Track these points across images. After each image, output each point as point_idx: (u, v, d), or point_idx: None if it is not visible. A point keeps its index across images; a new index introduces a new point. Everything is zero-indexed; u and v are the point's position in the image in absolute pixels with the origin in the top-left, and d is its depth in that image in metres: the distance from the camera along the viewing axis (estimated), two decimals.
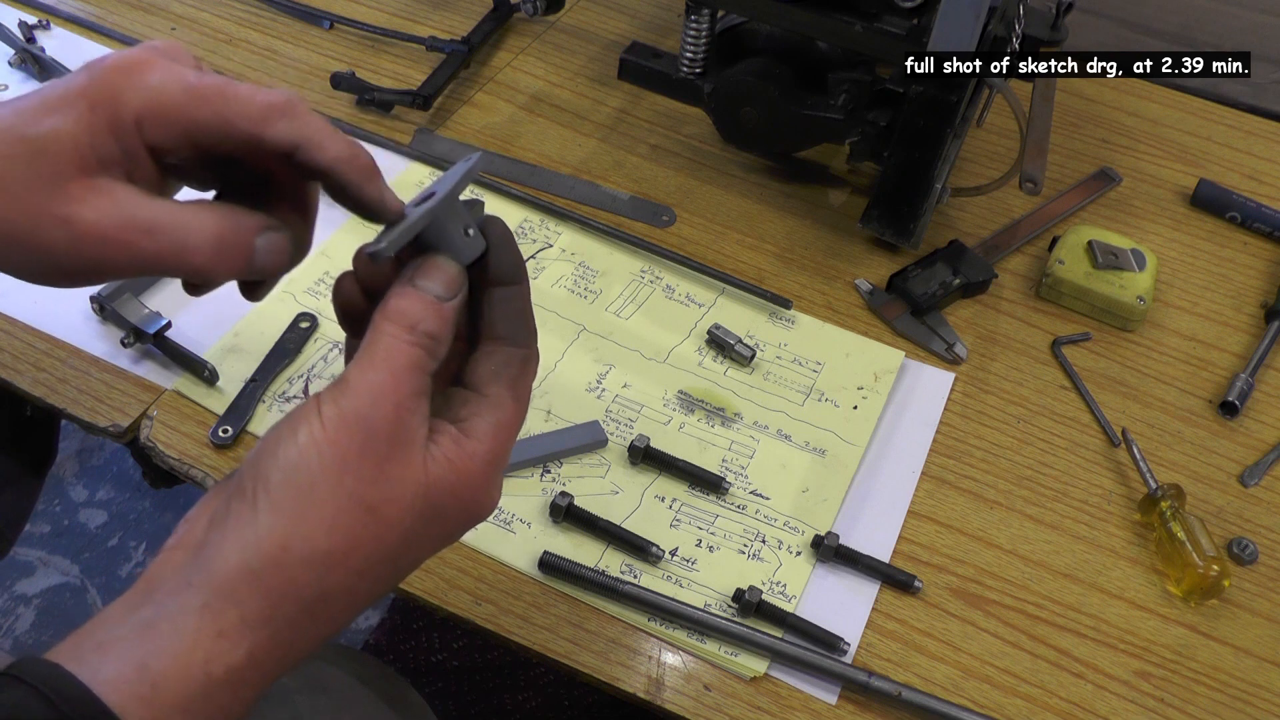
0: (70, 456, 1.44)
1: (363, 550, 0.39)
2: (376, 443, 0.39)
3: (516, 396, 0.43)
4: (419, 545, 0.41)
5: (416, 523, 0.40)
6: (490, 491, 0.42)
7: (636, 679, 0.59)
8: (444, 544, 0.43)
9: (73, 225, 0.39)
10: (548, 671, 1.22)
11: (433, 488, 0.40)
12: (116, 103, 0.40)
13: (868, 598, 0.64)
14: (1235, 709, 0.61)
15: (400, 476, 0.39)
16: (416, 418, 0.40)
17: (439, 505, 0.40)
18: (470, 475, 0.41)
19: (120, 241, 0.39)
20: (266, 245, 0.42)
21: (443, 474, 0.40)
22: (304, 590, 0.38)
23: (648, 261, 0.81)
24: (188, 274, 0.41)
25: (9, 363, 0.69)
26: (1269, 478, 0.72)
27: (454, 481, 0.41)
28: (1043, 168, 0.79)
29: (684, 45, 0.83)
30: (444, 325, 0.41)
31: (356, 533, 0.38)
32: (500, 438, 0.42)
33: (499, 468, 0.43)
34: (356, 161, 0.42)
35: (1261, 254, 0.88)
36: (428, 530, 0.41)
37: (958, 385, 0.76)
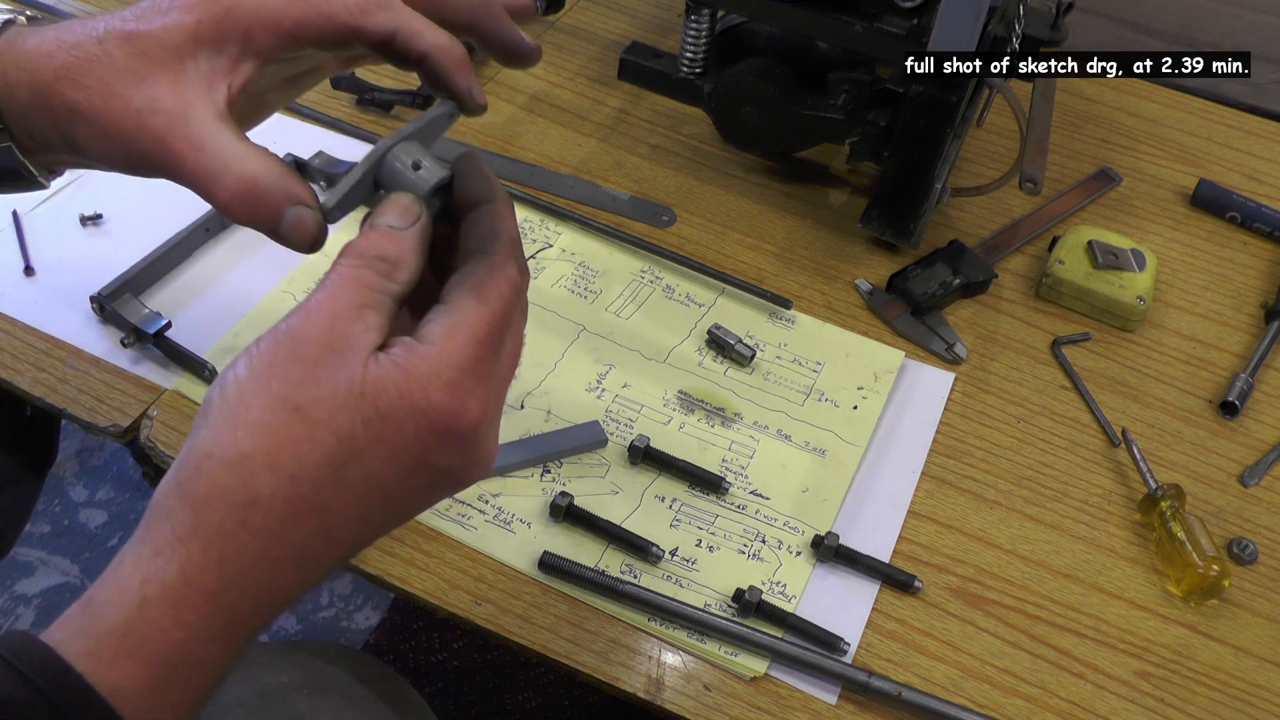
0: (70, 456, 1.44)
1: (290, 450, 0.37)
2: (307, 349, 0.38)
3: (482, 298, 0.40)
4: (368, 454, 0.38)
5: (355, 423, 0.37)
6: (459, 397, 0.39)
7: (636, 679, 0.59)
8: (415, 463, 0.39)
9: (143, 118, 0.42)
10: (548, 671, 1.22)
11: (371, 386, 0.37)
12: (227, 17, 0.43)
13: (868, 598, 0.64)
14: (1235, 709, 0.61)
15: (332, 378, 0.37)
16: (357, 327, 0.39)
17: (384, 407, 0.38)
18: (420, 376, 0.38)
19: (171, 148, 0.42)
20: (292, 218, 0.43)
21: (384, 374, 0.38)
22: (228, 494, 0.36)
23: (648, 261, 0.81)
24: (213, 203, 0.43)
25: (9, 363, 0.69)
26: (1269, 478, 0.72)
27: (399, 380, 0.38)
28: (1043, 168, 0.79)
29: (684, 45, 0.83)
30: (399, 248, 0.41)
31: (281, 433, 0.37)
32: (460, 339, 0.39)
33: (470, 373, 0.39)
34: (452, 52, 0.45)
35: (1261, 254, 0.88)
36: (375, 436, 0.38)
37: (958, 385, 0.76)
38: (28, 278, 0.74)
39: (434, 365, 0.38)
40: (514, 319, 0.42)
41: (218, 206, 0.43)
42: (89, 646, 0.35)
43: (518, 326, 0.43)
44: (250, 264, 0.77)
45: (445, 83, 0.45)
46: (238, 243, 0.78)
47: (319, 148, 0.83)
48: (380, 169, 0.43)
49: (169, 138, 0.42)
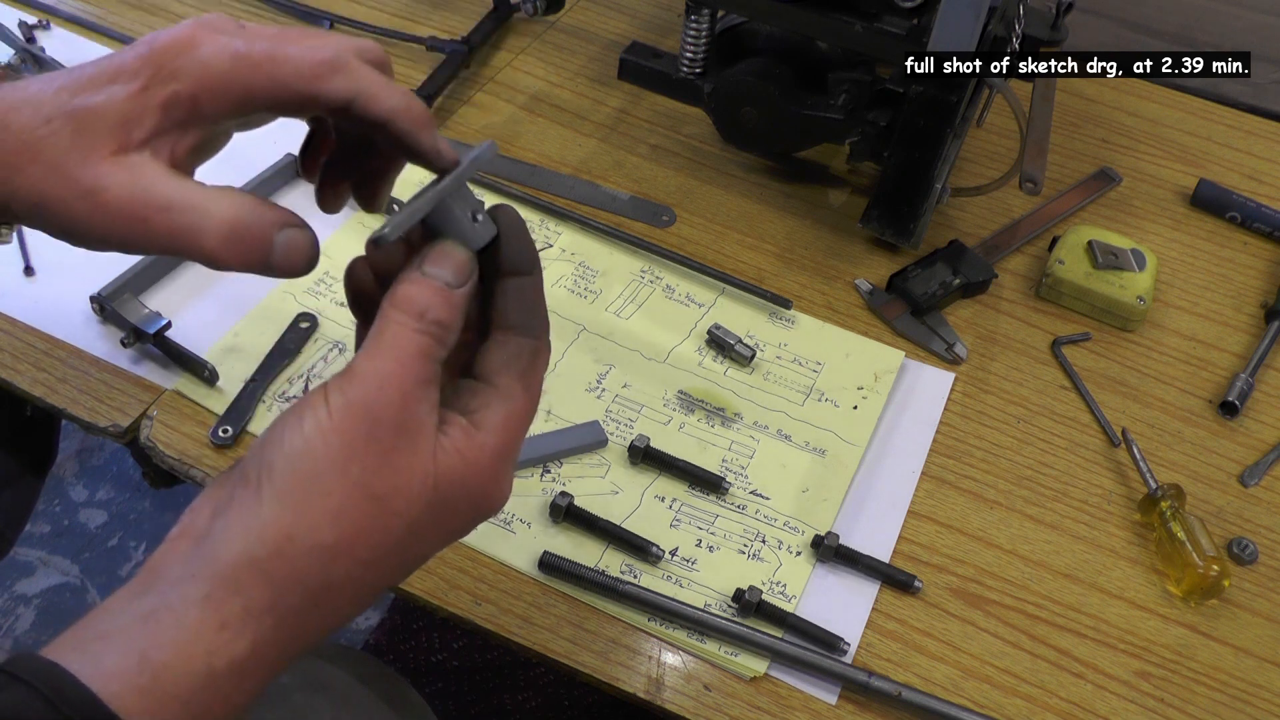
0: (70, 456, 1.44)
1: (368, 541, 0.38)
2: (383, 431, 0.38)
3: (527, 387, 0.42)
4: (426, 538, 0.41)
5: (424, 514, 0.39)
6: (500, 484, 0.42)
7: (636, 679, 0.59)
8: (452, 538, 0.42)
9: (96, 198, 0.40)
10: (548, 671, 1.22)
11: (441, 479, 0.39)
12: (170, 81, 0.41)
13: (868, 598, 0.64)
14: (1235, 709, 0.61)
15: (408, 466, 0.39)
16: (424, 406, 0.39)
17: (448, 497, 0.40)
18: (480, 467, 0.40)
19: (137, 217, 0.40)
20: (284, 242, 0.42)
21: (452, 465, 0.40)
22: (309, 580, 0.37)
23: (648, 261, 0.81)
24: (200, 258, 0.42)
25: (9, 363, 0.69)
26: (1269, 478, 0.72)
27: (463, 473, 0.40)
28: (1043, 168, 0.79)
29: (684, 45, 0.83)
30: (453, 313, 0.41)
31: (362, 523, 0.38)
32: (511, 430, 0.42)
33: (509, 461, 0.42)
34: (411, 111, 0.42)
35: (1261, 254, 0.88)
36: (436, 522, 0.40)
37: (958, 385, 0.76)
38: (28, 278, 0.74)
39: (490, 456, 0.41)
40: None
41: (205, 257, 0.41)
42: (149, 707, 0.35)
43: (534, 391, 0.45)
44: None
45: (410, 145, 0.43)
46: None
47: None
48: (437, 210, 0.42)
49: (131, 208, 0.40)
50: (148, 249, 0.42)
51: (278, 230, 0.41)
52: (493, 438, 0.41)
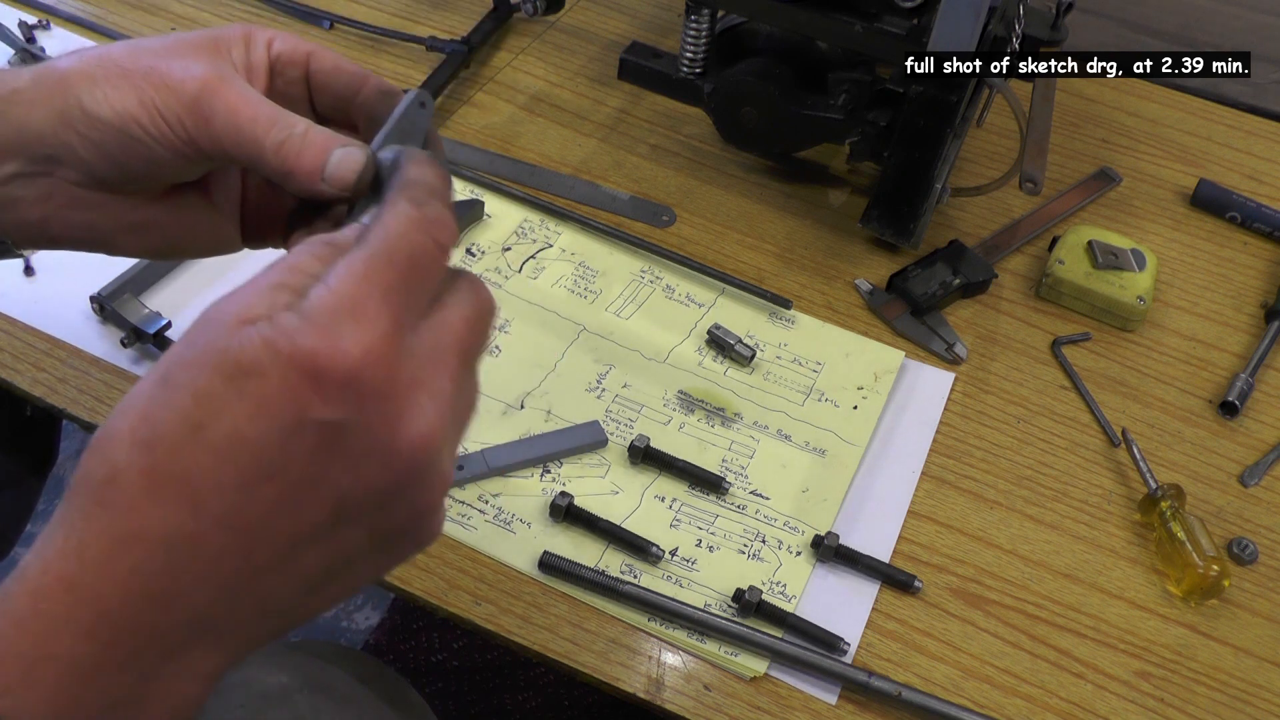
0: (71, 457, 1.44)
1: (146, 417, 0.32)
2: (198, 324, 0.34)
3: (362, 244, 0.35)
4: (230, 409, 0.32)
5: (213, 380, 0.32)
6: (330, 337, 0.32)
7: (636, 679, 0.59)
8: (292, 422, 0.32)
9: (173, 82, 0.41)
10: (548, 671, 1.22)
11: (235, 341, 0.32)
12: (256, 40, 0.45)
13: (868, 598, 0.64)
14: (1235, 709, 0.61)
15: (201, 346, 0.33)
16: (260, 301, 0.34)
17: (245, 359, 0.32)
18: (286, 324, 0.32)
19: (219, 95, 0.41)
20: (340, 154, 0.41)
21: (251, 330, 0.32)
22: (89, 475, 0.32)
23: (648, 261, 0.81)
24: (259, 152, 0.41)
25: (9, 363, 0.69)
26: (1269, 478, 0.72)
27: (264, 332, 0.32)
28: (1043, 168, 0.79)
29: (684, 45, 0.83)
30: (351, 231, 0.37)
31: (145, 407, 0.33)
32: (332, 284, 0.33)
33: (345, 314, 0.33)
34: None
35: (1261, 254, 0.88)
36: (235, 389, 0.32)
37: (958, 385, 0.76)
38: (28, 278, 0.74)
39: (303, 313, 0.33)
40: (424, 261, 0.35)
41: (264, 154, 0.41)
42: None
43: (463, 293, 0.37)
44: (250, 264, 0.76)
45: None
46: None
47: None
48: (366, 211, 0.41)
49: (214, 90, 0.41)
50: (188, 145, 0.42)
51: (338, 145, 0.42)
52: (308, 300, 0.33)
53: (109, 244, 0.46)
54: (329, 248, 0.36)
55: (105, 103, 0.41)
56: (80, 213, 0.44)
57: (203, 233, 0.47)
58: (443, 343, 0.36)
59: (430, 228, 0.36)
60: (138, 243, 0.46)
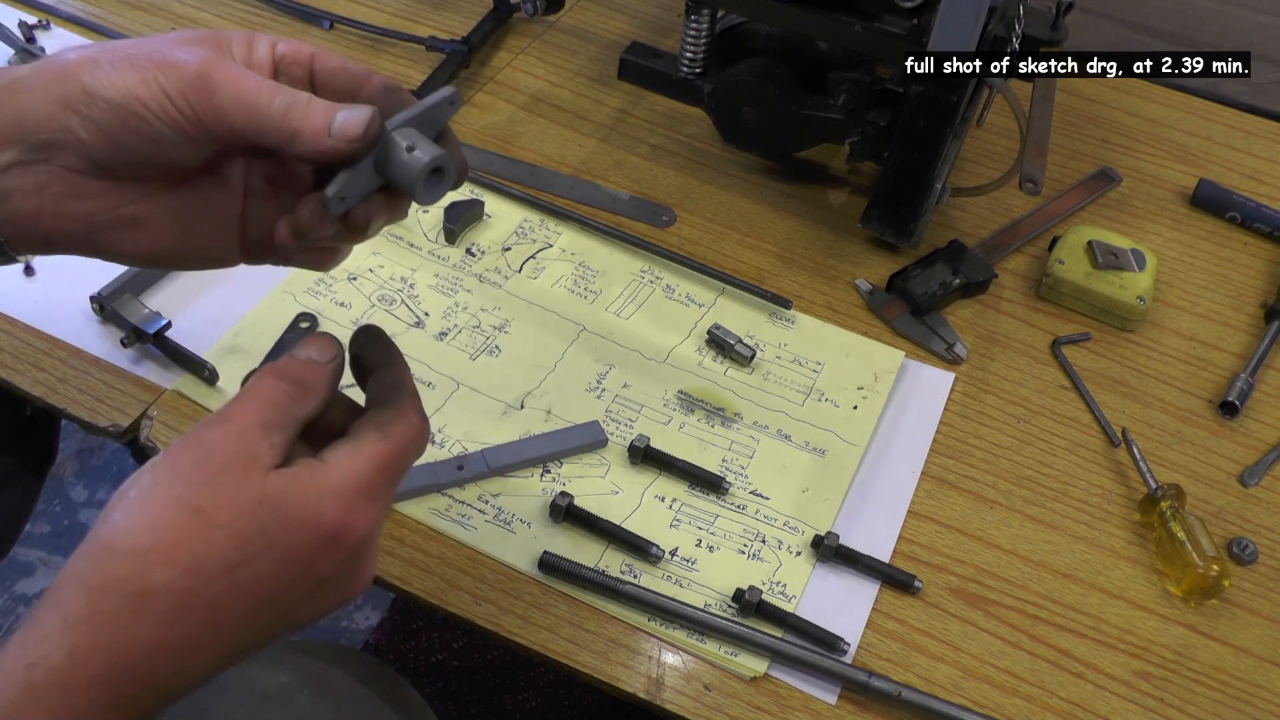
0: (70, 456, 1.44)
1: (188, 548, 0.38)
2: (213, 457, 0.40)
3: (384, 434, 0.43)
4: (261, 557, 0.39)
5: (251, 528, 0.39)
6: (350, 512, 0.41)
7: (636, 679, 0.59)
8: (301, 573, 0.40)
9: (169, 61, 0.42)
10: (548, 671, 1.22)
11: (271, 495, 0.39)
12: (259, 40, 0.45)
13: (868, 598, 0.64)
14: (1235, 709, 0.61)
15: (234, 486, 0.39)
16: (263, 444, 0.40)
17: (281, 515, 0.39)
18: (317, 490, 0.40)
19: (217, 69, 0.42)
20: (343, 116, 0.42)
21: (284, 485, 0.40)
22: (123, 584, 0.37)
23: (648, 261, 0.81)
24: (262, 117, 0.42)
25: (9, 363, 0.69)
26: (1269, 478, 0.72)
27: (297, 493, 0.40)
28: (1043, 168, 0.79)
29: (684, 45, 0.83)
30: (314, 377, 0.44)
31: (179, 531, 0.38)
32: (359, 461, 0.42)
33: (362, 493, 0.41)
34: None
35: (1261, 254, 0.88)
36: (267, 541, 0.39)
37: (958, 385, 0.76)
38: (28, 278, 0.74)
39: (331, 482, 0.41)
40: (409, 461, 0.44)
41: (270, 119, 0.42)
42: None
43: (411, 437, 0.45)
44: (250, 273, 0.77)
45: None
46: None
47: None
48: (378, 152, 0.43)
49: (217, 66, 0.42)
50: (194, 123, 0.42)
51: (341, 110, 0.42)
52: (335, 468, 0.41)
53: (104, 241, 0.45)
54: (303, 392, 0.43)
55: (108, 82, 0.41)
56: (77, 203, 0.44)
57: (200, 237, 0.48)
58: (386, 509, 0.44)
59: (425, 435, 0.45)
60: (134, 241, 0.46)
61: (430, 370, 0.72)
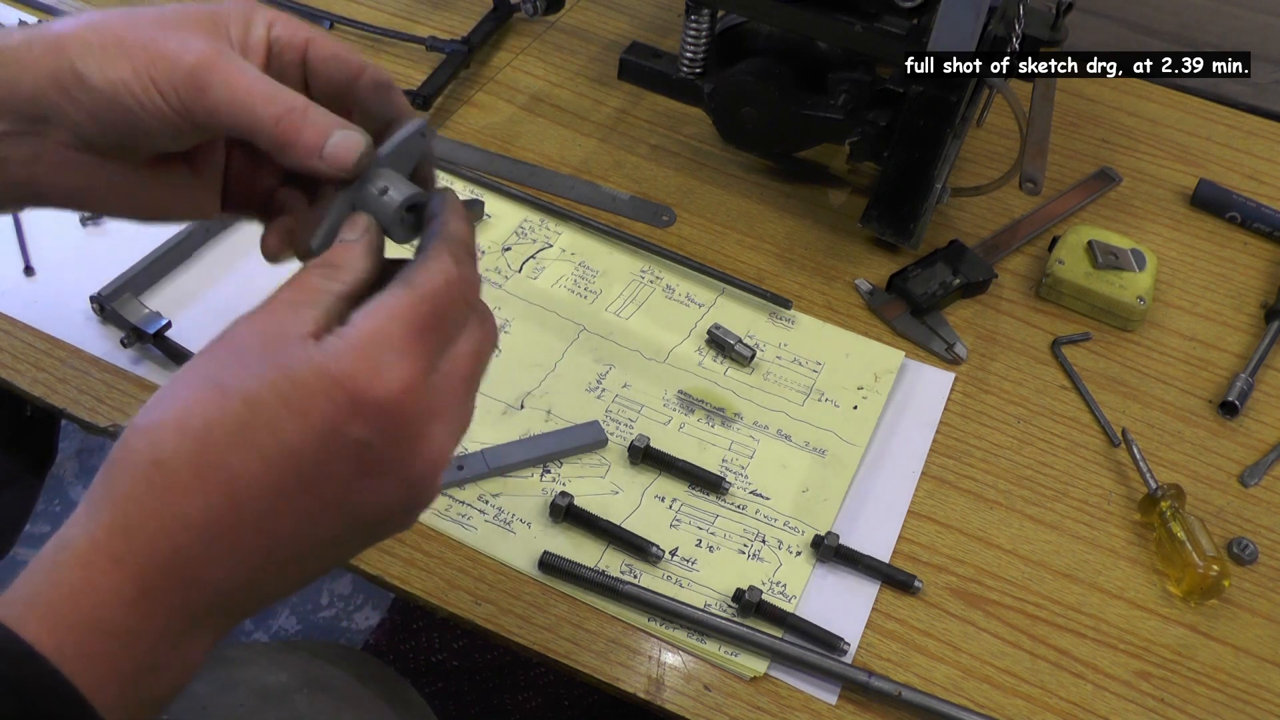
0: (70, 456, 1.44)
1: (200, 414, 0.36)
2: (240, 337, 0.38)
3: (408, 285, 0.40)
4: (278, 419, 0.36)
5: (263, 389, 0.36)
6: (372, 365, 0.37)
7: (636, 679, 0.59)
8: (328, 433, 0.37)
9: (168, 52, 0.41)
10: (548, 671, 1.22)
11: (287, 358, 0.37)
12: (256, 20, 0.44)
13: (868, 598, 0.64)
14: (1235, 709, 0.61)
15: (257, 358, 0.37)
16: (290, 319, 0.38)
17: (295, 375, 0.37)
18: (335, 349, 0.37)
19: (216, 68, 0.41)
20: (340, 137, 0.42)
21: (302, 349, 0.37)
22: (136, 456, 0.36)
23: (648, 261, 0.81)
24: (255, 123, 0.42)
25: (9, 363, 0.69)
26: (1269, 478, 0.72)
27: (314, 353, 0.37)
28: (1043, 168, 0.79)
29: (684, 45, 0.83)
30: (345, 254, 0.42)
31: (193, 403, 0.37)
32: (379, 317, 0.38)
33: (388, 348, 0.38)
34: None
35: (1261, 254, 0.88)
36: (283, 400, 0.36)
37: (958, 385, 0.76)
38: (28, 278, 0.74)
39: (350, 339, 0.38)
40: (454, 311, 0.41)
41: (262, 125, 0.41)
42: (49, 625, 0.34)
43: (473, 328, 0.42)
44: (250, 264, 0.77)
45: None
46: (238, 243, 0.78)
47: None
48: (354, 188, 0.44)
49: (212, 63, 0.41)
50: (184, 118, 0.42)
51: (338, 128, 0.42)
52: (354, 327, 0.38)
53: (95, 206, 0.47)
54: (333, 269, 0.41)
55: (99, 70, 0.41)
56: (68, 175, 0.44)
57: (185, 199, 0.49)
58: (456, 374, 0.40)
59: (466, 288, 0.41)
60: (123, 206, 0.47)
61: None
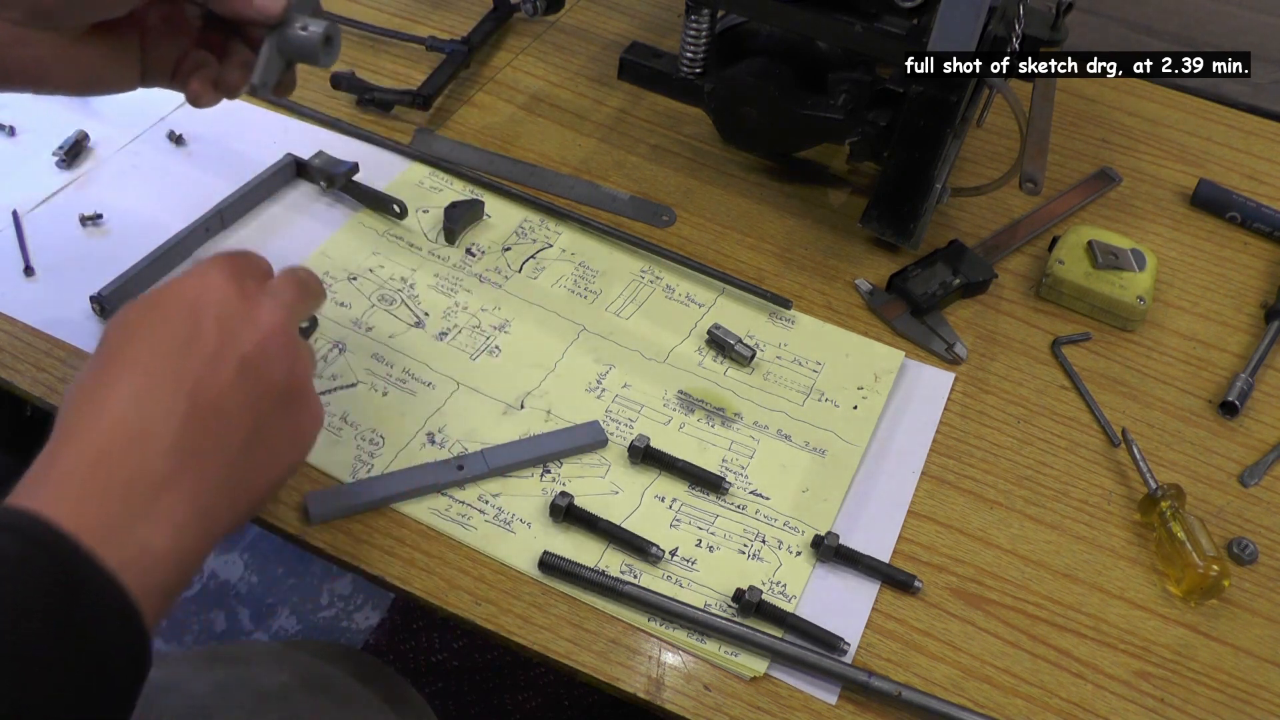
0: None
1: (122, 320, 0.50)
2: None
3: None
4: (146, 325, 0.50)
5: (155, 296, 0.51)
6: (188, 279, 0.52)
7: (636, 679, 0.59)
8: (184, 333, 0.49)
9: None
10: (548, 671, 1.22)
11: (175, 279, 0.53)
12: None
13: (868, 598, 0.64)
14: (1235, 709, 0.61)
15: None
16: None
17: (172, 285, 0.52)
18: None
19: None
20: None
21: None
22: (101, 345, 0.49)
23: (648, 261, 0.81)
24: None
25: (9, 363, 0.69)
26: (1269, 478, 0.72)
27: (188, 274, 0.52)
28: (1043, 168, 0.79)
29: (684, 45, 0.83)
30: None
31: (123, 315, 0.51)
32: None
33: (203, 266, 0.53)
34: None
35: (1261, 254, 0.88)
36: (149, 313, 0.51)
37: (958, 385, 0.76)
38: (28, 278, 0.74)
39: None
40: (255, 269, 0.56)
41: None
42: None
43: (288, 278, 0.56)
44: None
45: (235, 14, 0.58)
46: (238, 243, 0.78)
47: (319, 147, 0.83)
48: (280, 40, 0.58)
49: None
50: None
51: None
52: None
53: (44, 79, 0.58)
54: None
55: None
56: (23, 49, 0.55)
57: (113, 70, 0.61)
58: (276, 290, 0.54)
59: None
60: (68, 76, 0.59)
61: (430, 370, 0.72)
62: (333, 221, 0.81)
